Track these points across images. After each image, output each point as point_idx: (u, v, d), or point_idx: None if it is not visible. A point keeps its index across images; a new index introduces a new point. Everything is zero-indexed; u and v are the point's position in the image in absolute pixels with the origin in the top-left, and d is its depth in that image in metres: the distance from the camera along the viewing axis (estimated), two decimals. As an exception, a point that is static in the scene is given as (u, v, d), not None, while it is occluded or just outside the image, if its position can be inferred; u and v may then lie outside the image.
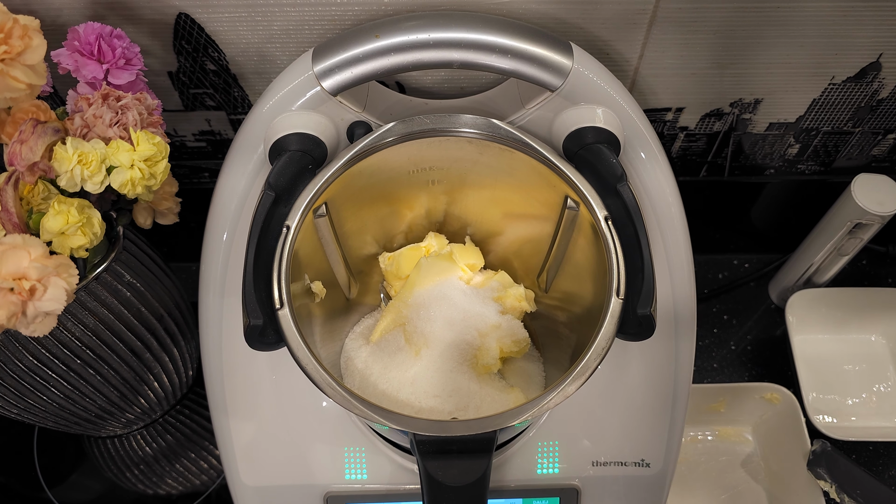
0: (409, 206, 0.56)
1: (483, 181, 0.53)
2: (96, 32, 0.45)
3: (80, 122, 0.43)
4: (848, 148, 0.71)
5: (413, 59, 0.47)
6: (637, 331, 0.43)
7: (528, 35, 0.48)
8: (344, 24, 0.54)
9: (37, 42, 0.40)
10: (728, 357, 0.79)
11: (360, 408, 0.41)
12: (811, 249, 0.73)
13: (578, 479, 0.56)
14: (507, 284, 0.56)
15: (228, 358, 0.54)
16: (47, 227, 0.41)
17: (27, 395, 0.55)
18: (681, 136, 0.68)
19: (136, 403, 0.64)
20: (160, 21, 0.54)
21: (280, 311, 0.43)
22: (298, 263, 0.47)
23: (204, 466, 0.73)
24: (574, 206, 0.48)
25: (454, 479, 0.41)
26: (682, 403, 0.55)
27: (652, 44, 0.57)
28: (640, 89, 0.62)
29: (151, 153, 0.43)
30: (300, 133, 0.48)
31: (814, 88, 0.63)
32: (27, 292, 0.38)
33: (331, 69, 0.48)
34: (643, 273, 0.43)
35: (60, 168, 0.41)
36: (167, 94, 0.61)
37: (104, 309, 0.54)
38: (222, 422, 0.55)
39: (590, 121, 0.49)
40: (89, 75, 0.45)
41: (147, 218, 0.52)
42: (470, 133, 0.49)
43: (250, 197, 0.51)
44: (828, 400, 0.75)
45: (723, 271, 0.83)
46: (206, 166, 0.71)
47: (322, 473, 0.55)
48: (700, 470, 0.73)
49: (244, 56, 0.57)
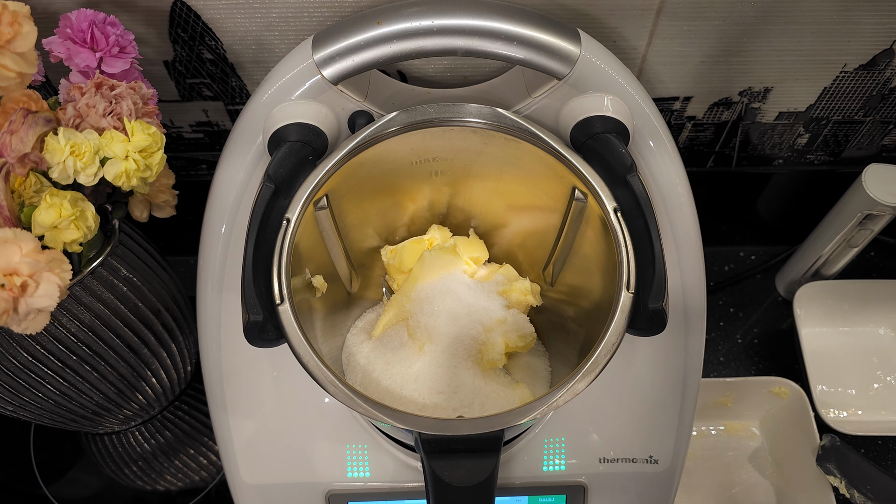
0: (411, 198, 0.55)
1: (488, 172, 0.52)
2: (89, 19, 0.44)
3: (73, 111, 0.42)
4: (858, 137, 0.69)
5: (416, 46, 0.46)
6: (648, 325, 0.42)
7: (535, 21, 0.47)
8: (344, 11, 0.53)
9: (27, 29, 0.39)
10: (735, 350, 0.78)
11: (364, 406, 0.40)
12: (820, 241, 0.72)
13: (585, 476, 0.55)
14: (513, 278, 0.55)
15: (228, 354, 0.53)
16: (39, 221, 0.39)
17: (22, 392, 0.54)
18: (688, 126, 0.67)
19: (133, 400, 0.63)
20: (155, 8, 0.53)
21: (280, 306, 0.42)
22: (299, 257, 0.46)
23: (203, 462, 0.72)
24: (582, 198, 0.47)
25: (461, 480, 0.40)
26: (692, 398, 0.54)
27: (660, 31, 0.56)
28: (648, 78, 0.61)
29: (146, 144, 0.41)
30: (300, 123, 0.47)
31: (825, 77, 0.62)
32: (18, 288, 0.37)
33: (331, 57, 0.47)
34: (654, 266, 0.42)
35: (52, 160, 0.40)
36: (163, 84, 0.60)
37: (100, 304, 0.52)
38: (222, 419, 0.54)
39: (598, 110, 0.48)
40: (82, 64, 0.44)
41: (143, 211, 0.51)
42: (475, 123, 0.48)
43: (249, 189, 0.50)
44: (836, 393, 0.74)
45: (729, 263, 0.82)
46: (203, 158, 0.69)
47: (324, 471, 0.54)
48: (707, 465, 0.72)
49: (242, 44, 0.56)
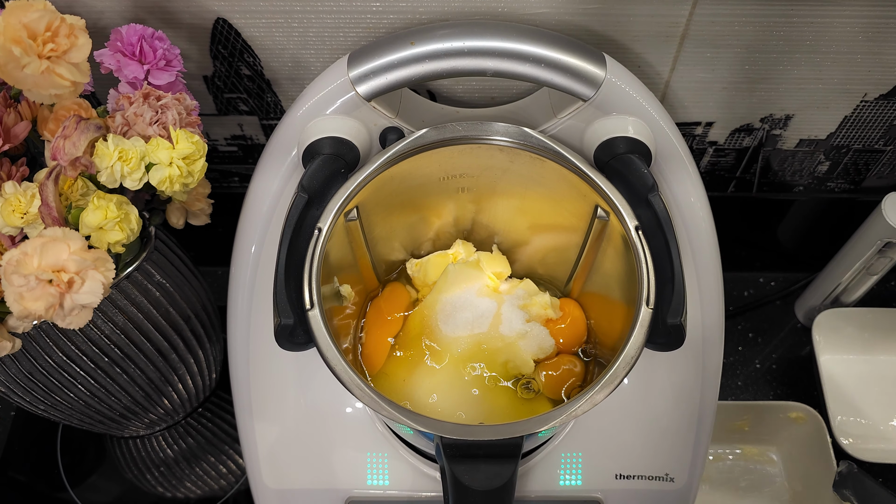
0: (437, 214, 0.56)
1: (513, 190, 0.53)
2: (138, 34, 0.46)
3: (121, 120, 0.44)
4: (879, 166, 0.70)
5: (448, 66, 0.48)
6: (666, 340, 0.42)
7: (562, 45, 0.48)
8: (378, 32, 0.55)
9: (82, 41, 0.41)
10: (753, 375, 0.78)
11: (388, 409, 0.41)
12: (839, 268, 0.72)
13: (601, 492, 0.55)
14: (533, 292, 0.56)
15: (255, 360, 0.54)
16: (86, 222, 0.41)
17: (55, 391, 0.56)
18: (710, 151, 0.68)
19: (159, 404, 0.64)
20: (198, 26, 0.55)
21: (310, 311, 0.43)
22: (328, 266, 0.47)
23: (223, 471, 0.73)
24: (604, 216, 0.48)
25: (480, 484, 0.41)
26: (709, 417, 0.55)
27: (684, 57, 0.57)
28: (671, 102, 0.62)
29: (190, 151, 0.43)
30: (334, 137, 0.49)
31: (845, 105, 0.63)
32: (65, 284, 0.39)
33: (366, 74, 0.48)
34: (673, 283, 0.43)
35: (101, 164, 0.42)
36: (202, 98, 0.62)
37: (133, 308, 0.54)
38: (247, 424, 0.55)
39: (622, 131, 0.49)
40: (130, 75, 0.46)
41: (180, 218, 0.53)
42: (501, 141, 0.49)
43: (283, 199, 0.52)
44: (854, 420, 0.74)
45: (749, 289, 0.82)
46: (236, 171, 0.71)
47: (344, 478, 0.55)
48: (724, 489, 0.72)
49: (279, 62, 0.58)
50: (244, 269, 0.53)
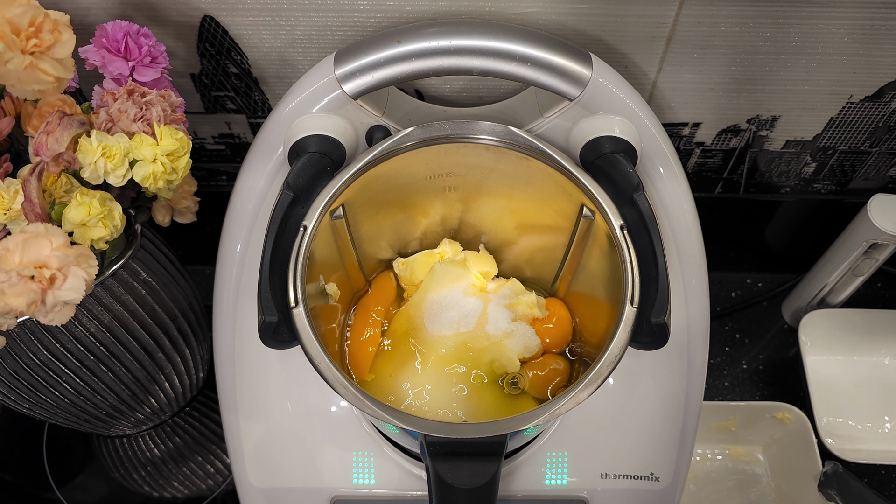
0: (424, 213, 0.56)
1: (499, 189, 0.53)
2: (124, 30, 0.46)
3: (105, 116, 0.44)
4: (864, 168, 0.71)
5: (434, 65, 0.48)
6: (650, 339, 0.43)
7: (549, 44, 0.49)
8: (366, 31, 0.55)
9: (66, 37, 0.41)
10: (740, 376, 0.78)
11: (372, 407, 0.41)
12: (825, 269, 0.72)
13: (587, 491, 0.55)
14: (519, 291, 0.56)
15: (240, 359, 0.54)
16: (69, 218, 0.41)
17: (40, 389, 0.55)
18: (697, 152, 0.69)
19: (146, 403, 0.64)
20: (185, 23, 0.55)
21: (295, 309, 0.43)
22: (314, 264, 0.47)
23: (210, 470, 0.73)
24: (590, 215, 0.48)
25: (464, 482, 0.40)
26: (694, 417, 0.55)
27: (670, 58, 0.58)
28: (658, 103, 0.62)
29: (174, 148, 0.43)
30: (320, 135, 0.49)
31: (832, 107, 0.63)
32: (47, 281, 0.39)
33: (352, 73, 0.48)
34: (657, 282, 0.43)
35: (84, 160, 0.42)
36: (189, 96, 0.62)
37: (119, 305, 0.54)
38: (232, 422, 0.55)
39: (607, 130, 0.49)
40: (115, 71, 0.46)
41: (166, 216, 0.53)
42: (488, 140, 0.49)
43: (269, 197, 0.51)
44: (840, 422, 0.74)
45: (736, 290, 0.83)
46: (223, 169, 0.71)
47: (330, 477, 0.55)
48: (709, 489, 0.72)
49: (266, 60, 0.58)
50: (230, 267, 0.53)
